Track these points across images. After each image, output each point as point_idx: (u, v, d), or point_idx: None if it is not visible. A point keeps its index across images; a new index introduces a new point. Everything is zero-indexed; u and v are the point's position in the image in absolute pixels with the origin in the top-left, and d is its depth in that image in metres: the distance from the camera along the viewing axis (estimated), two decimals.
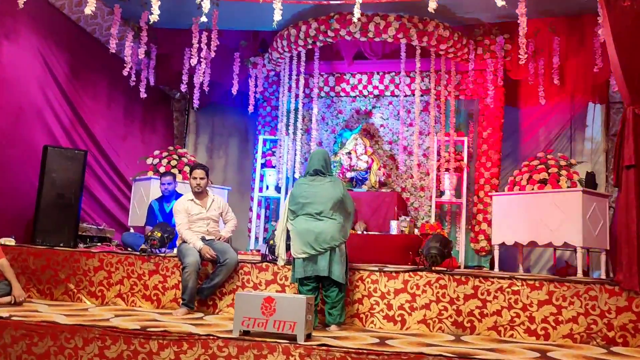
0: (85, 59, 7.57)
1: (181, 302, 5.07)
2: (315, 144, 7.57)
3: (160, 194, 6.38)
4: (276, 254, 5.04)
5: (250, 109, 7.42)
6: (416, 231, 6.72)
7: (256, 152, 8.13)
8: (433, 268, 5.03)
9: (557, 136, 8.26)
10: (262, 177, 7.94)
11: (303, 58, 7.18)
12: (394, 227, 6.59)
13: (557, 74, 7.21)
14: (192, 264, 5.02)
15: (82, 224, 6.55)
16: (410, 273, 4.99)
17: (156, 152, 7.44)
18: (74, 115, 7.47)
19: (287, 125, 7.49)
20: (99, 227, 6.70)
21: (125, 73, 6.80)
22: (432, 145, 7.25)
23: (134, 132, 8.84)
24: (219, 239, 5.45)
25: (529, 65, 6.82)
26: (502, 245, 6.52)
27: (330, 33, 6.56)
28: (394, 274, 5.02)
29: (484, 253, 7.54)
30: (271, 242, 5.25)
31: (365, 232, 6.65)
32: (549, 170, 6.22)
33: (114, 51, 6.72)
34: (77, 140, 7.51)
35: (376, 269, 5.08)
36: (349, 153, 7.62)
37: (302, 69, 7.22)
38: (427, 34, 6.57)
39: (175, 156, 7.42)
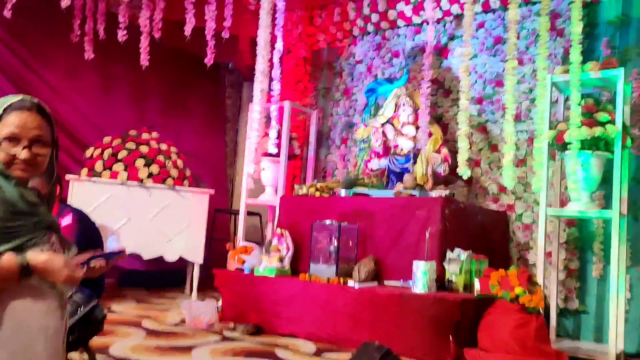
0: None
1: None
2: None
3: None
4: None
5: (208, 60, 4.40)
6: (477, 286, 2.99)
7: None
8: None
9: None
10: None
11: None
12: (419, 275, 2.98)
13: None
14: None
15: None
16: None
17: (106, 139, 4.99)
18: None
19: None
20: None
21: None
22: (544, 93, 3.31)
23: (149, 117, 6.52)
24: None
25: None
26: None
27: None
28: None
29: None
30: None
31: (361, 285, 3.16)
32: None
33: None
34: None
35: None
36: (385, 124, 4.10)
37: None
38: None
39: (129, 145, 4.88)
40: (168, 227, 4.72)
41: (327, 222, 3.38)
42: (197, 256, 4.80)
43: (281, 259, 3.54)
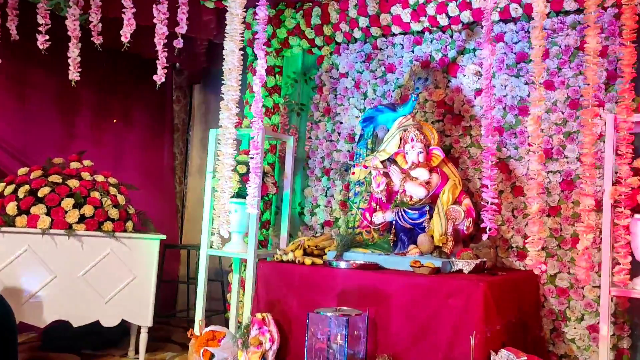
0: None
1: None
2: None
3: None
4: None
5: (158, 78, 3.44)
6: None
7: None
8: None
9: None
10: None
11: None
12: None
13: None
14: None
15: None
16: None
17: (22, 171, 3.90)
18: None
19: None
20: None
21: None
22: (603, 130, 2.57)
23: (80, 132, 5.38)
24: None
25: None
26: None
27: None
28: None
29: None
30: None
31: None
32: None
33: None
34: None
35: None
36: (390, 165, 3.25)
37: None
38: None
39: (53, 178, 3.80)
40: (105, 285, 3.72)
41: (329, 313, 2.49)
42: (144, 318, 3.81)
43: (264, 356, 2.64)
